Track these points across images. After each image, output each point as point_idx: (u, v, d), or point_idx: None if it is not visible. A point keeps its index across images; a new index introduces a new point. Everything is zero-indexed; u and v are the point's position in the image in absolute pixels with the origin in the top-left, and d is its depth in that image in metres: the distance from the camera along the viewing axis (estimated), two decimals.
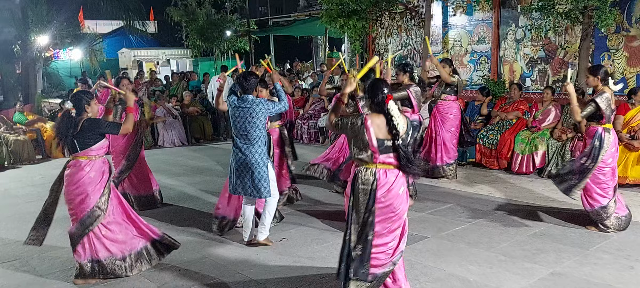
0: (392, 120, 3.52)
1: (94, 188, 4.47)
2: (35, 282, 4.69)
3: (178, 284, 4.50)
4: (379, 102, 3.59)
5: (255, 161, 5.08)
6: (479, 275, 4.47)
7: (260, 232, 5.27)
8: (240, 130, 5.10)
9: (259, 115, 5.06)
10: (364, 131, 3.56)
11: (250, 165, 5.08)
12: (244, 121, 5.07)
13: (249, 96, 5.11)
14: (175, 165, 9.86)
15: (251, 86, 5.15)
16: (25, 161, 10.40)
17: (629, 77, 8.26)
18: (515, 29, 9.67)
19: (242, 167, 5.13)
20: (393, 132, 3.54)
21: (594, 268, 4.57)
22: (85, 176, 4.46)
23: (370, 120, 3.58)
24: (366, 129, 3.55)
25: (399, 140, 3.54)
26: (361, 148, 3.62)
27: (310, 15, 20.61)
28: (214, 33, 18.55)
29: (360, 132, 3.58)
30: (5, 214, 6.88)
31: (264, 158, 5.15)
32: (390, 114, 3.53)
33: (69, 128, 4.48)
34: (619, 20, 8.11)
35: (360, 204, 3.64)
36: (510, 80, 9.66)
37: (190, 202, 7.12)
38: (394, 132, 3.53)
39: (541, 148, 7.94)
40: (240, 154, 5.12)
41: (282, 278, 4.54)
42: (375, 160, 3.59)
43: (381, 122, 3.57)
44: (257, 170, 5.08)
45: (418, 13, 11.20)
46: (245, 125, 5.07)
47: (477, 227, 5.72)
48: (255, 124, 5.06)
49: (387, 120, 3.55)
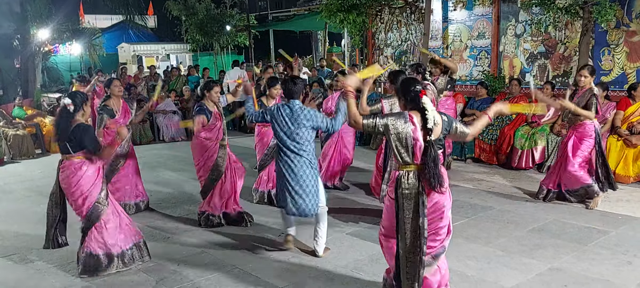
0: (426, 115, 3.33)
1: (93, 186, 4.50)
2: (34, 276, 4.70)
3: (176, 279, 4.50)
4: (413, 98, 3.42)
5: (304, 174, 4.64)
6: (476, 270, 4.48)
7: (318, 245, 4.86)
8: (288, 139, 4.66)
9: (307, 124, 4.63)
10: (411, 128, 3.35)
11: (299, 179, 4.64)
12: (292, 129, 4.64)
13: (296, 102, 4.72)
14: (175, 160, 9.85)
15: (299, 91, 4.79)
16: (24, 156, 10.40)
17: (629, 72, 8.24)
18: (515, 24, 9.65)
19: (291, 181, 4.67)
20: (426, 127, 3.33)
21: (592, 263, 4.57)
22: (84, 175, 4.47)
23: (415, 117, 3.38)
24: (413, 126, 3.36)
25: (431, 136, 3.34)
26: (404, 149, 3.40)
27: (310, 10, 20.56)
28: (214, 28, 18.50)
29: (405, 131, 3.37)
30: (4, 209, 6.88)
31: (314, 171, 4.73)
32: (425, 109, 3.34)
33: (64, 124, 4.45)
34: (619, 16, 8.09)
35: (408, 209, 3.41)
36: (510, 75, 9.65)
37: (189, 197, 7.12)
38: (428, 128, 3.32)
39: (541, 143, 7.94)
40: (288, 166, 4.67)
41: (281, 273, 4.54)
42: (416, 160, 3.39)
43: (419, 119, 3.38)
44: (305, 185, 4.65)
45: (418, 8, 11.17)
46: (292, 134, 4.64)
47: (475, 222, 5.72)
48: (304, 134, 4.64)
49: (422, 116, 3.36)
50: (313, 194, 4.68)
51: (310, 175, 4.66)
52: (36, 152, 10.72)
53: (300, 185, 4.64)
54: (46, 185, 5.22)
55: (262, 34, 21.88)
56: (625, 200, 6.36)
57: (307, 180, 4.65)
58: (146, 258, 4.83)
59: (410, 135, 3.37)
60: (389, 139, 3.47)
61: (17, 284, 4.55)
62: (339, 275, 4.47)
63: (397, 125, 3.39)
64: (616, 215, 5.83)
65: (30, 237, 5.69)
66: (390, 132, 3.42)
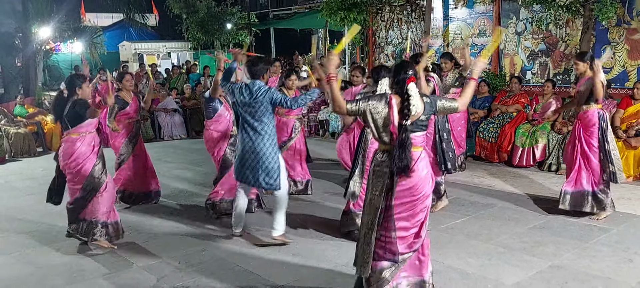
0: (409, 101, 3.38)
1: (86, 159, 4.98)
2: (34, 273, 4.71)
3: (177, 276, 4.51)
4: (400, 82, 3.47)
5: (266, 151, 4.88)
6: (477, 268, 4.48)
7: (275, 229, 5.07)
8: (249, 118, 4.90)
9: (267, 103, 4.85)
10: (389, 111, 3.42)
11: (262, 155, 4.86)
12: (252, 107, 4.86)
13: (257, 82, 4.91)
14: (175, 157, 9.87)
15: (260, 71, 4.96)
16: (25, 154, 10.41)
17: (629, 70, 8.24)
18: (516, 21, 9.64)
19: (252, 156, 4.91)
20: (404, 112, 3.38)
21: (592, 260, 4.58)
22: (77, 150, 4.95)
23: (394, 99, 3.46)
24: (390, 108, 3.42)
25: (407, 120, 3.38)
26: (383, 130, 3.47)
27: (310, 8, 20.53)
28: (215, 26, 18.48)
29: (384, 112, 3.44)
30: (6, 206, 6.90)
31: (275, 149, 4.96)
32: (408, 95, 3.40)
33: (61, 108, 4.95)
34: (620, 13, 8.08)
35: (377, 187, 3.47)
36: (511, 73, 9.64)
37: (190, 195, 7.13)
38: (405, 112, 3.38)
39: (542, 141, 7.93)
40: (250, 143, 4.91)
41: (282, 271, 4.55)
42: (394, 142, 3.44)
43: (398, 102, 3.44)
44: (268, 161, 4.88)
45: (418, 6, 11.17)
46: (253, 113, 4.87)
47: (476, 220, 5.72)
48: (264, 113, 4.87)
49: (402, 100, 3.42)
50: (275, 170, 4.90)
51: (271, 152, 4.89)
52: (38, 150, 10.74)
53: (262, 161, 4.87)
54: (48, 182, 5.22)
55: (263, 32, 21.85)
56: (626, 198, 6.36)
57: (269, 156, 4.88)
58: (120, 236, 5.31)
59: (388, 117, 3.43)
60: (369, 121, 3.51)
61: (19, 281, 4.56)
62: (339, 273, 4.47)
63: (377, 107, 3.46)
64: (617, 212, 5.81)
65: (32, 233, 5.71)
66: (371, 114, 3.47)
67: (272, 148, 4.91)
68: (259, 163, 4.88)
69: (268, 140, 4.89)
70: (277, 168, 4.94)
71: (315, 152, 9.22)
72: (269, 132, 4.91)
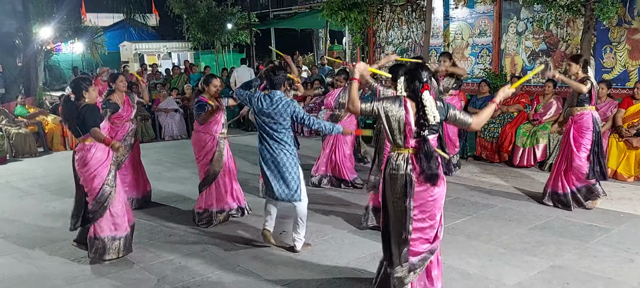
0: (425, 110, 3.45)
1: (101, 167, 4.78)
2: (36, 273, 4.71)
3: (178, 276, 4.51)
4: (415, 89, 3.52)
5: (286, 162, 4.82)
6: (478, 268, 4.48)
7: (297, 242, 4.98)
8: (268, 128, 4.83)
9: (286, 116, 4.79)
10: (404, 113, 3.48)
11: (281, 166, 4.82)
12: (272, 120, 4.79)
13: (277, 92, 4.84)
14: (176, 157, 9.87)
15: (280, 81, 4.89)
16: (26, 154, 10.42)
17: (630, 69, 8.23)
18: (517, 21, 9.63)
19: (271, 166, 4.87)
20: (420, 122, 3.45)
21: (593, 261, 4.57)
22: (92, 157, 4.75)
23: (409, 103, 3.52)
24: (406, 112, 3.48)
25: (425, 130, 3.46)
26: (398, 132, 3.52)
27: (311, 8, 20.57)
28: (215, 26, 18.51)
29: (399, 115, 3.49)
30: (7, 206, 6.90)
31: (295, 159, 4.89)
32: (423, 104, 3.45)
33: (71, 113, 4.77)
34: (621, 13, 8.07)
35: (394, 190, 3.54)
36: (512, 73, 9.63)
37: (190, 195, 7.12)
38: (422, 122, 3.45)
39: (542, 141, 7.93)
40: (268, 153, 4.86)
41: (283, 271, 4.55)
42: (408, 144, 3.52)
43: (413, 106, 3.50)
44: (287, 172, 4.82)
45: (419, 6, 11.15)
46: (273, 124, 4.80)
47: (477, 220, 5.72)
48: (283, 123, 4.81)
49: (417, 108, 3.49)
50: (295, 181, 4.84)
51: (290, 163, 4.83)
52: (38, 150, 10.74)
53: (282, 172, 4.82)
54: (49, 183, 5.22)
55: (263, 32, 21.88)
56: (627, 198, 6.36)
57: (289, 167, 4.82)
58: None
59: (403, 120, 3.50)
60: (384, 121, 3.58)
61: (19, 281, 4.56)
62: (340, 273, 4.47)
63: (392, 108, 3.53)
64: (618, 212, 5.82)
65: (33, 234, 5.71)
66: (386, 115, 3.54)
67: (292, 158, 4.87)
68: (278, 173, 4.85)
69: (287, 151, 4.85)
70: (297, 178, 4.86)
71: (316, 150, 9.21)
72: (288, 142, 4.87)
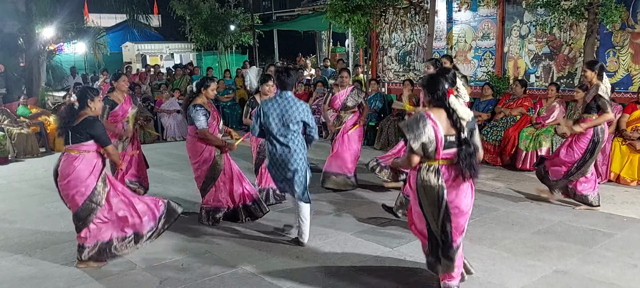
0: (456, 114, 3.53)
1: (82, 184, 4.55)
2: (37, 274, 4.70)
3: (180, 278, 4.50)
4: (440, 97, 3.58)
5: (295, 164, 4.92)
6: (481, 272, 4.46)
7: (302, 238, 5.11)
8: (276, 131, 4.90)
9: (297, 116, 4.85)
10: (432, 129, 3.52)
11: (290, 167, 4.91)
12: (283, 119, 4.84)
13: (288, 93, 4.89)
14: (179, 158, 9.85)
15: (291, 83, 4.92)
16: (28, 154, 10.41)
17: (633, 74, 8.20)
18: (520, 25, 9.62)
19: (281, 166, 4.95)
20: (457, 125, 3.53)
21: (597, 266, 4.55)
22: (74, 172, 4.54)
23: (434, 114, 3.56)
24: (435, 126, 3.53)
25: (464, 132, 3.55)
26: (430, 145, 3.57)
27: (314, 10, 20.53)
28: (218, 27, 18.50)
29: (431, 134, 3.53)
30: (9, 207, 6.89)
31: (304, 161, 4.98)
32: (452, 108, 3.53)
33: (69, 118, 4.62)
34: (625, 17, 8.05)
35: (428, 200, 3.68)
36: (515, 76, 9.62)
37: (192, 196, 7.11)
38: (459, 125, 3.53)
39: (545, 144, 7.91)
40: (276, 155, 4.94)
41: (285, 273, 4.54)
42: (438, 155, 3.58)
43: (442, 116, 3.56)
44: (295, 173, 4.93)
45: (422, 8, 11.15)
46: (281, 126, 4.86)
47: (480, 224, 5.70)
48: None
49: (448, 114, 3.55)
50: (301, 183, 4.94)
51: (299, 165, 4.91)
52: (40, 150, 10.74)
53: (292, 172, 4.90)
54: (50, 183, 5.20)
55: (266, 33, 21.87)
56: (630, 202, 6.34)
57: (298, 169, 4.90)
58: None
59: (433, 135, 3.54)
60: (427, 148, 3.62)
61: (21, 282, 4.55)
62: (344, 275, 4.46)
63: (428, 133, 3.54)
64: (621, 217, 5.80)
65: (34, 235, 5.71)
66: (428, 142, 3.57)
67: (301, 161, 4.93)
68: (288, 174, 4.94)
69: (296, 152, 4.90)
70: (304, 181, 4.96)
71: (317, 150, 9.21)
72: (297, 143, 4.91)
